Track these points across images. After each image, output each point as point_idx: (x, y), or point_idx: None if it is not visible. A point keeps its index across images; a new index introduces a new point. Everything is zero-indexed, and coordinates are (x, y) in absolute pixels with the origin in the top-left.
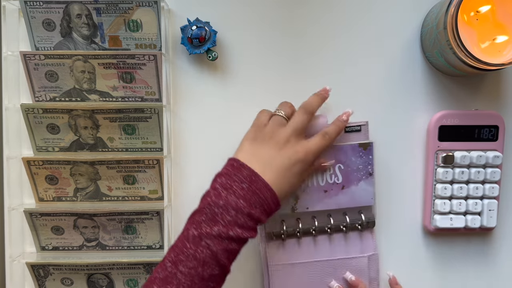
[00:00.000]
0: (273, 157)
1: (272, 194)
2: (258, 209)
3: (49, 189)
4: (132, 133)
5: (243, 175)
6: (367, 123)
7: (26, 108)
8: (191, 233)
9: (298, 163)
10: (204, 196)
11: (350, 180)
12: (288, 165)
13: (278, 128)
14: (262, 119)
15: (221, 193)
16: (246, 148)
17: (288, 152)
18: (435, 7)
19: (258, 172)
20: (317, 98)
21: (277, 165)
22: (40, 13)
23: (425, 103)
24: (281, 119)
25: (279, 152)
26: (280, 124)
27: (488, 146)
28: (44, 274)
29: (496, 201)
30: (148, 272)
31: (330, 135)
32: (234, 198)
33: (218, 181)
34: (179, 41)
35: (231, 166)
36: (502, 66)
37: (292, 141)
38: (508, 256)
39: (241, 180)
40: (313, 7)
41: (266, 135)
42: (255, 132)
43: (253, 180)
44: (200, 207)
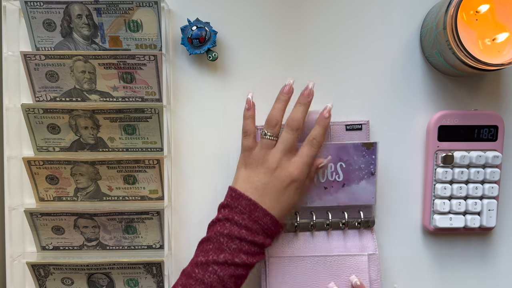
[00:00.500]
0: (267, 183)
1: (272, 219)
2: (261, 235)
3: (50, 189)
4: (133, 133)
5: (242, 205)
6: (368, 122)
7: (26, 108)
8: (200, 260)
9: (293, 182)
10: (211, 226)
11: (351, 178)
12: (283, 188)
13: (267, 152)
14: (247, 144)
15: (225, 224)
16: (242, 176)
17: (281, 175)
18: (435, 7)
19: (256, 200)
20: (300, 108)
21: (273, 189)
22: (41, 13)
23: (425, 103)
24: (269, 142)
25: (272, 176)
26: (269, 147)
27: (487, 146)
28: (45, 274)
29: (495, 201)
30: (148, 272)
31: (318, 140)
32: (236, 228)
33: (222, 212)
34: (179, 41)
35: (231, 196)
36: (501, 66)
37: (284, 162)
38: (508, 256)
39: (241, 211)
40: (313, 7)
41: (257, 160)
42: (245, 158)
43: (252, 210)
44: (208, 236)
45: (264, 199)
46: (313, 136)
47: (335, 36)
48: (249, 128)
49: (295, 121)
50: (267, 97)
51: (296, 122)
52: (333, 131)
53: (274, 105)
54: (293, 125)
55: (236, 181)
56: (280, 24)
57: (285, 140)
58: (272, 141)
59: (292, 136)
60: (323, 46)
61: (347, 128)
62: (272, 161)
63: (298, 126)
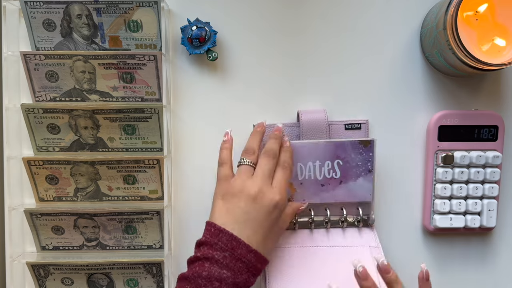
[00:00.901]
0: (248, 212)
1: (257, 255)
2: (244, 275)
3: (50, 189)
4: (132, 133)
5: (223, 241)
6: (367, 121)
7: (26, 108)
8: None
9: (275, 209)
10: (189, 263)
11: (348, 175)
12: (266, 215)
13: (246, 179)
14: (224, 172)
15: (204, 264)
16: (219, 208)
17: (263, 202)
18: (435, 7)
19: (237, 234)
20: (274, 141)
21: (255, 219)
22: (41, 13)
23: (425, 103)
24: (248, 169)
25: (253, 205)
26: (248, 174)
27: (487, 146)
28: (45, 274)
29: (495, 201)
30: (148, 272)
31: (288, 163)
32: (217, 268)
33: (201, 250)
34: (179, 41)
35: (210, 232)
36: (501, 66)
37: (264, 189)
38: (508, 256)
39: (222, 248)
40: (313, 7)
41: (235, 189)
42: (222, 187)
43: (235, 246)
44: (186, 275)
45: (246, 232)
46: (283, 160)
47: (335, 36)
48: (226, 157)
49: (272, 150)
50: (267, 97)
51: (273, 152)
52: (332, 131)
53: (250, 139)
54: (271, 153)
55: (213, 214)
56: (280, 24)
57: (264, 167)
58: (251, 168)
59: (270, 163)
60: (323, 46)
61: (346, 127)
62: (253, 188)
63: (275, 154)
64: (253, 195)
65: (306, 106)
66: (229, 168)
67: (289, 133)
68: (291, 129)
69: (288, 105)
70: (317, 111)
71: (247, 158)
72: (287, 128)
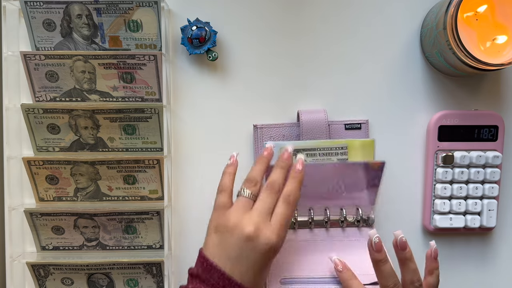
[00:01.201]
0: (242, 251)
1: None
2: None
3: (50, 189)
4: (132, 133)
5: (215, 279)
6: (368, 121)
7: (26, 108)
8: None
9: (271, 249)
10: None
11: (352, 189)
12: (260, 256)
13: (243, 214)
14: (222, 200)
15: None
16: (213, 240)
17: (258, 243)
18: (435, 7)
19: (229, 273)
20: (280, 171)
21: (249, 259)
22: (40, 13)
23: (425, 103)
24: (246, 202)
25: (247, 245)
26: (246, 208)
27: (487, 146)
28: (45, 274)
29: (495, 201)
30: (148, 272)
31: (294, 195)
32: None
33: (193, 282)
34: (179, 41)
35: (202, 266)
36: (501, 66)
37: (261, 228)
38: (508, 256)
39: (213, 285)
40: (313, 8)
41: (230, 223)
42: (217, 218)
43: (226, 285)
44: None
45: (238, 271)
46: (288, 193)
47: (335, 36)
48: (226, 184)
49: (276, 183)
50: (267, 97)
51: (277, 184)
52: (332, 131)
53: (254, 167)
54: (274, 187)
55: (206, 245)
56: (280, 24)
57: (264, 203)
58: (250, 201)
59: (271, 198)
60: (323, 45)
61: (346, 127)
62: (248, 227)
63: (278, 188)
64: (247, 234)
65: (306, 106)
66: (228, 197)
67: (289, 133)
68: (291, 129)
69: (288, 105)
70: (317, 111)
71: (247, 189)
72: (287, 128)
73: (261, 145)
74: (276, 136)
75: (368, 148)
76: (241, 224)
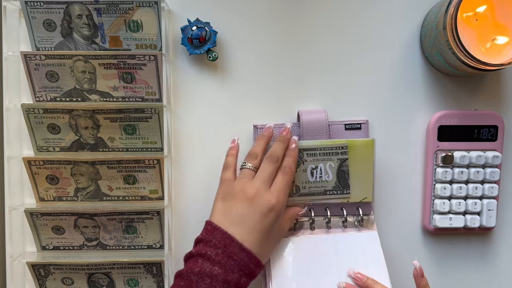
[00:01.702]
0: (244, 214)
1: (249, 255)
2: (236, 274)
3: (50, 189)
4: (133, 133)
5: (217, 239)
6: (368, 122)
7: (26, 108)
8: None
9: (271, 211)
10: (185, 260)
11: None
12: (261, 218)
13: (246, 182)
14: (227, 175)
15: (197, 260)
16: (218, 208)
17: (259, 205)
18: (435, 7)
19: (232, 233)
20: (280, 144)
21: (250, 221)
22: (41, 14)
23: (425, 103)
24: (249, 172)
25: (249, 207)
26: (248, 178)
27: (487, 146)
28: (45, 274)
29: (495, 201)
30: (148, 272)
31: (290, 167)
32: (209, 264)
33: (197, 246)
34: (180, 41)
35: (206, 230)
36: (501, 66)
37: (261, 191)
38: (508, 255)
39: (215, 245)
40: (313, 8)
41: (235, 191)
42: (223, 189)
43: (227, 244)
44: (180, 272)
45: (241, 232)
46: (285, 165)
47: (335, 36)
48: (230, 162)
49: (275, 154)
50: (267, 97)
51: (276, 155)
52: (332, 131)
53: (256, 141)
54: (273, 158)
55: (212, 214)
56: (280, 24)
57: (264, 171)
58: (252, 171)
59: (271, 167)
60: (323, 45)
61: (346, 127)
62: (250, 191)
63: (277, 158)
64: (249, 197)
65: (306, 106)
66: (232, 172)
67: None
68: (291, 129)
69: (288, 105)
70: (318, 111)
71: (249, 162)
72: None
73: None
74: (277, 136)
75: (368, 148)
76: (245, 189)
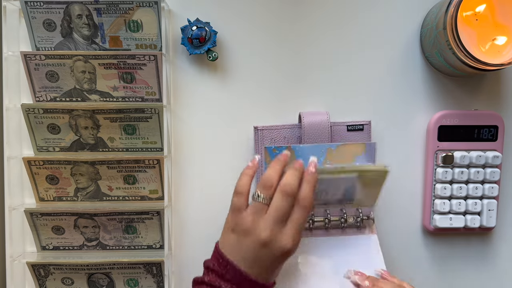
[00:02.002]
0: (258, 255)
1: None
2: None
3: (50, 189)
4: (133, 133)
5: (231, 274)
6: (370, 123)
7: (26, 108)
8: None
9: (287, 255)
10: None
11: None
12: (275, 260)
13: (258, 219)
14: (239, 202)
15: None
16: (230, 239)
17: (274, 249)
18: (435, 7)
19: (245, 271)
20: (295, 173)
21: (263, 262)
22: (41, 14)
23: (425, 103)
24: (261, 207)
25: (263, 249)
26: (261, 213)
27: (487, 146)
28: (45, 274)
29: (495, 201)
30: (148, 272)
31: (308, 200)
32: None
33: (209, 275)
34: (180, 41)
35: (218, 262)
36: (501, 66)
37: (276, 235)
38: (508, 256)
39: (229, 280)
40: (313, 8)
41: (246, 226)
42: (234, 219)
43: (241, 282)
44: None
45: (254, 270)
46: (302, 196)
47: (335, 36)
48: (244, 186)
49: (290, 187)
50: (268, 97)
51: (290, 188)
52: (334, 132)
53: (271, 165)
54: (288, 191)
55: (223, 242)
56: (280, 24)
57: (279, 208)
58: (265, 206)
59: (286, 203)
60: (324, 46)
61: (348, 128)
62: (264, 233)
63: (293, 192)
64: (263, 240)
65: (306, 106)
66: (244, 199)
67: (291, 135)
68: (292, 131)
69: (288, 105)
70: (319, 113)
71: (262, 193)
72: (288, 130)
73: (261, 147)
74: (277, 138)
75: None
76: (257, 229)
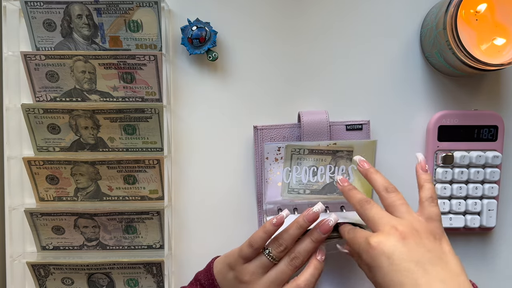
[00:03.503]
0: None
1: None
2: None
3: (50, 189)
4: (133, 133)
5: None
6: (369, 122)
7: (26, 108)
8: None
9: None
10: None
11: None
12: None
13: (258, 276)
14: (246, 254)
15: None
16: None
17: None
18: (435, 7)
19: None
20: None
21: None
22: (41, 14)
23: (425, 103)
24: (266, 263)
25: None
26: (263, 271)
27: (487, 146)
28: (45, 274)
29: (495, 201)
30: (148, 272)
31: (308, 285)
32: None
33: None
34: (180, 41)
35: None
36: (501, 66)
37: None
38: (508, 256)
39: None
40: (313, 7)
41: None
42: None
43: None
44: None
45: None
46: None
47: (335, 36)
48: (258, 241)
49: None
50: (267, 97)
51: (299, 260)
52: (333, 131)
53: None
54: (296, 262)
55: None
56: (280, 24)
57: (281, 274)
58: (270, 264)
59: (290, 272)
60: (324, 45)
61: (347, 128)
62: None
63: (301, 263)
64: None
65: (306, 105)
66: (254, 254)
67: (290, 134)
68: (292, 130)
69: (288, 105)
70: (319, 112)
71: (274, 251)
72: (287, 130)
73: (261, 147)
74: (277, 137)
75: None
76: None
